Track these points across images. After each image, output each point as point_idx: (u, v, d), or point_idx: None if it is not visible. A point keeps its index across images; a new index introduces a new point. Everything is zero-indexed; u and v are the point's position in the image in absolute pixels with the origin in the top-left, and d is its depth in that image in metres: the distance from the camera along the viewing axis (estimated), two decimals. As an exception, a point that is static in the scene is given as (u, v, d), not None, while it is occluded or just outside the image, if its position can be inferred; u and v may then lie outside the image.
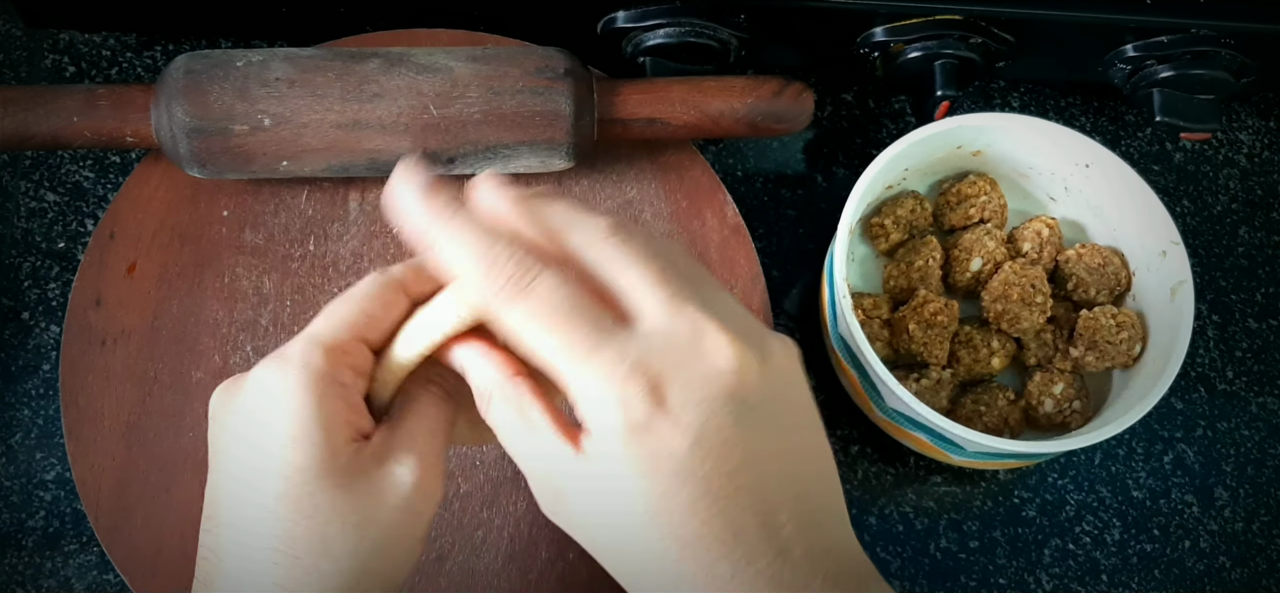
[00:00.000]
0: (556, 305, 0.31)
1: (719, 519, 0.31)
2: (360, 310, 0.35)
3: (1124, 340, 0.52)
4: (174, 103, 0.49)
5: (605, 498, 0.32)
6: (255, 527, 0.34)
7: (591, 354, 0.31)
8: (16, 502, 0.52)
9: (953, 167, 0.57)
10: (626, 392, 0.31)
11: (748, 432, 0.31)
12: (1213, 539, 0.56)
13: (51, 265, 0.56)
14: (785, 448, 0.33)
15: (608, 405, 0.31)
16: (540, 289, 0.31)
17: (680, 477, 0.31)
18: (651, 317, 0.32)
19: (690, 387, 0.31)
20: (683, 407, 0.31)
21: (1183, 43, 0.54)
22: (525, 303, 0.31)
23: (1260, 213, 0.63)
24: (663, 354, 0.31)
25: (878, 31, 0.55)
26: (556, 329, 0.31)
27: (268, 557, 0.33)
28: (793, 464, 0.33)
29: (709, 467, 0.31)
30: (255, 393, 0.34)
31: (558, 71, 0.51)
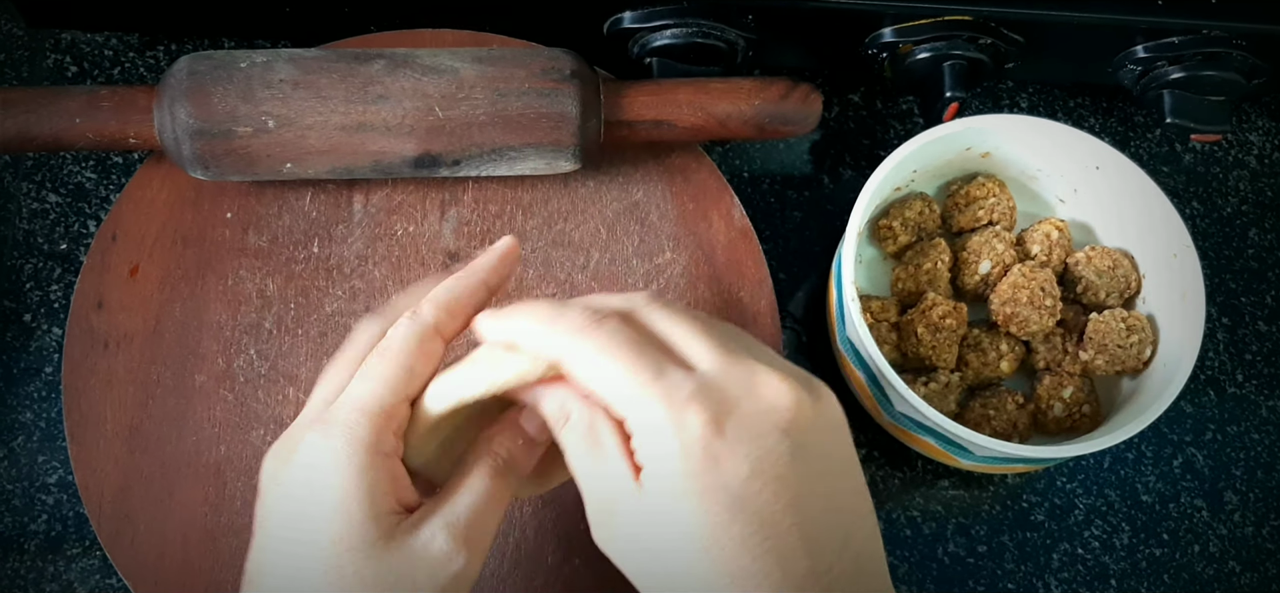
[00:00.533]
0: (622, 341, 0.33)
1: (770, 556, 0.31)
2: (402, 367, 0.35)
3: (1134, 344, 0.52)
4: (177, 104, 0.49)
5: (657, 529, 0.32)
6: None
7: (654, 382, 0.32)
8: (19, 505, 0.52)
9: (961, 168, 0.57)
10: (686, 419, 0.32)
11: (801, 469, 0.32)
12: (1222, 544, 0.56)
13: (54, 267, 0.56)
14: (833, 489, 0.34)
15: (666, 433, 0.32)
16: (608, 327, 0.34)
17: (734, 509, 0.31)
18: (707, 361, 0.34)
19: (747, 420, 0.32)
20: (739, 439, 0.32)
21: (1194, 44, 0.53)
22: (594, 337, 0.33)
23: (1271, 215, 0.62)
24: (722, 390, 0.33)
25: (886, 32, 0.54)
26: (622, 360, 0.33)
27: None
28: (839, 506, 0.34)
29: (763, 501, 0.31)
30: (303, 465, 0.35)
31: (564, 73, 0.50)
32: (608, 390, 0.33)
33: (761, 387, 0.33)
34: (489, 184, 0.55)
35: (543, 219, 0.55)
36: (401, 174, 0.52)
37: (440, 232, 0.54)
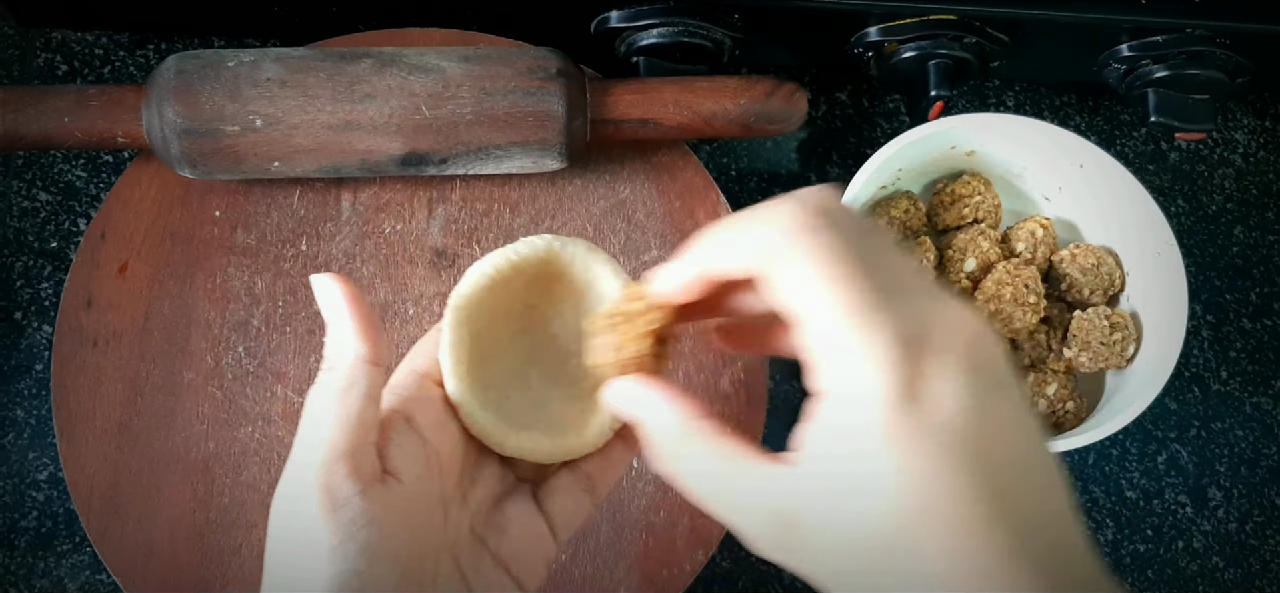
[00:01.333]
0: (843, 251, 0.28)
1: (989, 502, 0.27)
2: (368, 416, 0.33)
3: (1118, 341, 0.52)
4: (165, 103, 0.49)
5: (849, 494, 0.27)
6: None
7: (880, 307, 0.27)
8: (9, 502, 0.52)
9: (947, 167, 0.57)
10: (907, 352, 0.27)
11: (1008, 407, 0.28)
12: (1206, 539, 0.56)
13: (44, 265, 0.56)
14: (1031, 429, 0.29)
15: (883, 366, 0.27)
16: (828, 234, 0.28)
17: (946, 448, 0.27)
18: (920, 293, 0.29)
19: (954, 354, 0.28)
20: (948, 373, 0.27)
21: (1178, 43, 0.54)
22: (812, 240, 0.28)
23: (1255, 212, 0.62)
24: (942, 324, 0.28)
25: (872, 31, 0.54)
26: (844, 275, 0.28)
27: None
28: (1039, 445, 0.29)
29: (977, 443, 0.27)
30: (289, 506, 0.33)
31: (550, 72, 0.51)
32: (814, 311, 0.28)
33: (960, 314, 0.29)
34: (476, 182, 0.55)
35: (530, 217, 0.55)
36: (389, 172, 0.52)
37: (428, 229, 0.54)
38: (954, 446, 0.27)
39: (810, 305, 0.28)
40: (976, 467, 0.27)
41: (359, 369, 0.33)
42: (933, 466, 0.27)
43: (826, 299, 0.28)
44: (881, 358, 0.27)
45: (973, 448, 0.27)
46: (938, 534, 0.27)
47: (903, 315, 0.28)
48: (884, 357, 0.27)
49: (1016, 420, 0.28)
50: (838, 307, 0.28)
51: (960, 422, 0.27)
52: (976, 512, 0.27)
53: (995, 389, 0.28)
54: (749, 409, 0.52)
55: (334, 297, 0.34)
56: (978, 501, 0.27)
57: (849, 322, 0.27)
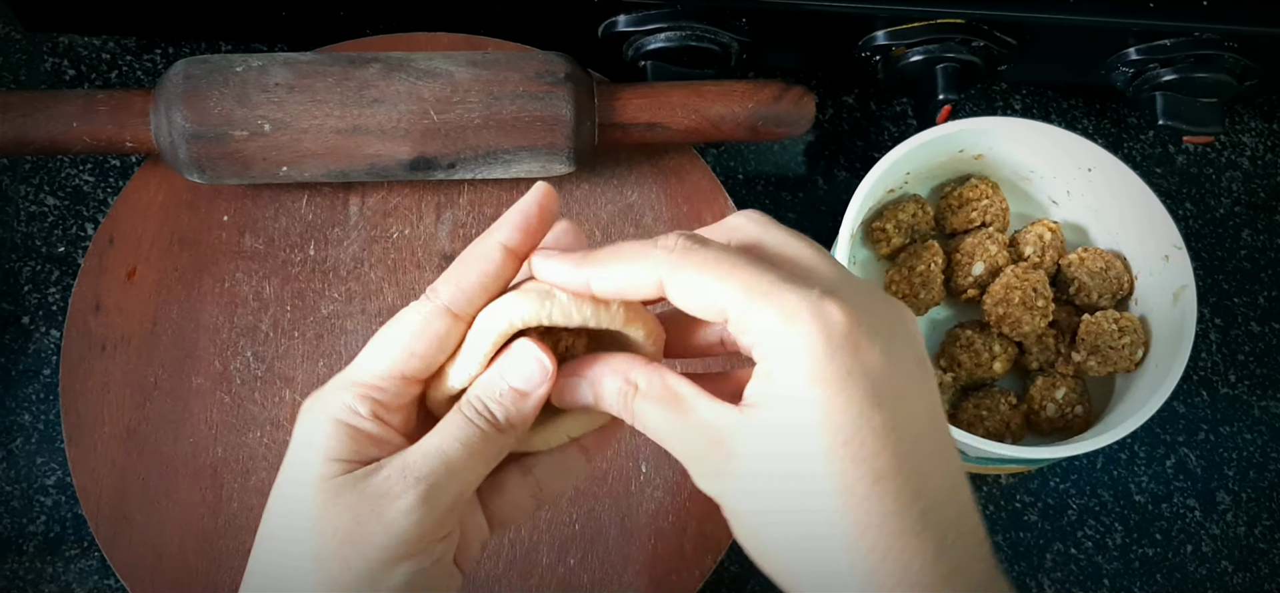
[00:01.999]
0: (733, 256, 0.31)
1: (908, 459, 0.30)
2: (401, 347, 0.34)
3: (1126, 345, 0.52)
4: (173, 108, 0.49)
5: (783, 441, 0.30)
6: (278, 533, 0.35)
7: (780, 285, 0.30)
8: (17, 507, 0.52)
9: (954, 170, 0.57)
10: (824, 308, 0.30)
11: (924, 378, 0.32)
12: (1215, 544, 0.56)
13: (52, 270, 0.56)
14: (939, 402, 0.33)
15: (803, 321, 0.30)
16: (714, 247, 0.31)
17: (875, 398, 0.29)
18: (825, 270, 0.32)
19: (879, 321, 0.31)
20: (875, 334, 0.30)
21: (1186, 46, 0.54)
22: (700, 255, 0.31)
23: (1263, 216, 0.62)
24: (850, 292, 0.31)
25: (879, 35, 0.54)
26: (737, 272, 0.31)
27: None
28: (943, 418, 0.33)
29: (898, 398, 0.30)
30: (298, 426, 0.35)
31: (558, 76, 0.51)
32: (726, 303, 0.31)
33: (882, 295, 0.32)
34: (484, 187, 0.55)
35: (538, 221, 0.55)
36: (397, 177, 0.52)
37: (436, 234, 0.54)
38: (873, 397, 0.29)
39: (719, 296, 0.31)
40: (892, 419, 0.30)
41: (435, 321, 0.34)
42: (855, 409, 0.29)
43: (729, 288, 0.31)
44: (790, 316, 0.30)
45: (890, 401, 0.30)
46: (853, 475, 0.29)
47: (798, 281, 0.31)
48: (791, 316, 0.30)
49: (928, 390, 0.32)
50: (738, 291, 0.30)
51: (880, 379, 0.30)
52: (889, 465, 0.29)
53: (912, 355, 0.31)
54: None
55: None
56: (892, 454, 0.29)
57: (753, 299, 0.30)
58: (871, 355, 0.30)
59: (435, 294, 0.34)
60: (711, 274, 0.31)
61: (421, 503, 0.33)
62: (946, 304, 0.57)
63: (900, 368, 0.31)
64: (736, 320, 0.31)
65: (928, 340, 0.57)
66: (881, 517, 0.29)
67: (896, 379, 0.30)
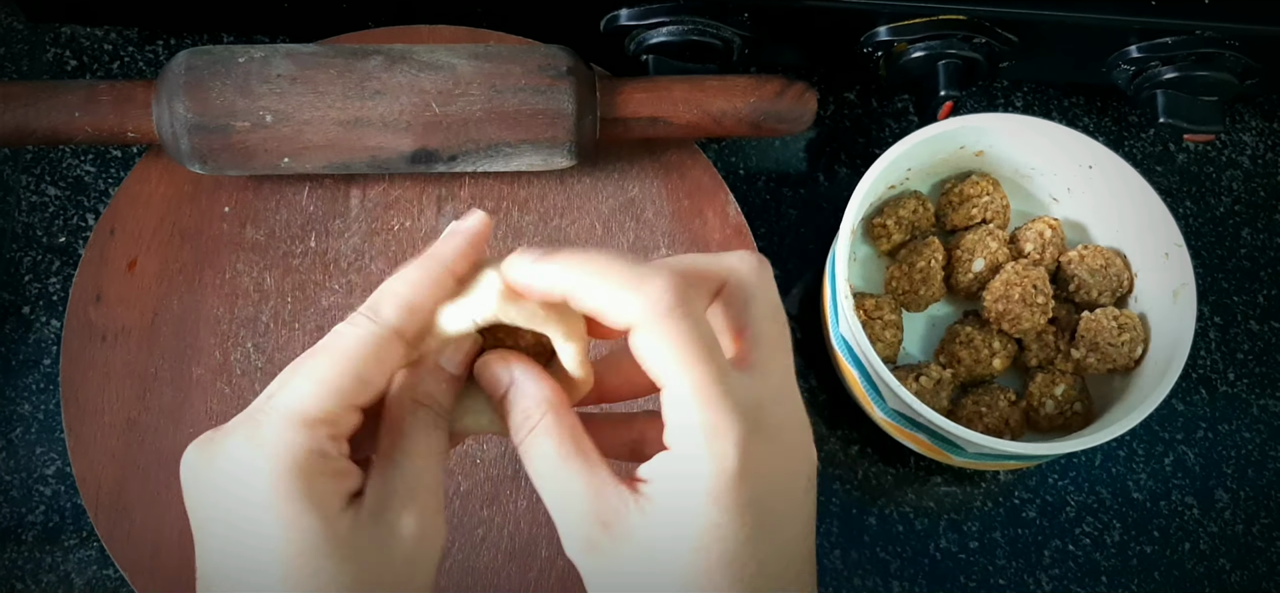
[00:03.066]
0: (702, 335, 0.31)
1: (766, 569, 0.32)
2: (351, 375, 0.31)
3: (1126, 342, 0.52)
4: (175, 99, 0.49)
5: (667, 542, 0.31)
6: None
7: (725, 392, 0.31)
8: (17, 496, 0.52)
9: (955, 167, 0.57)
10: (749, 438, 0.31)
11: (809, 528, 0.34)
12: (1213, 541, 0.56)
13: (52, 260, 0.56)
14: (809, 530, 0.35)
15: (726, 443, 0.31)
16: (690, 319, 0.31)
17: (757, 535, 0.31)
18: (774, 376, 0.33)
19: (790, 464, 0.33)
20: (777, 459, 0.32)
21: (1187, 44, 0.54)
22: (674, 326, 0.31)
23: (1263, 215, 0.62)
24: (778, 418, 0.32)
25: (881, 31, 0.54)
26: (698, 365, 0.31)
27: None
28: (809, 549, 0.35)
29: (782, 541, 0.32)
30: (235, 476, 0.31)
31: (560, 70, 0.51)
32: (674, 383, 0.31)
33: (803, 434, 0.34)
34: (485, 180, 0.55)
35: (539, 215, 0.55)
36: (398, 169, 0.52)
37: (437, 227, 0.54)
38: (760, 520, 0.31)
39: (669, 375, 0.31)
40: (777, 553, 0.32)
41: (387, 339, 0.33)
42: (739, 530, 0.31)
43: (682, 375, 0.31)
44: (717, 434, 0.31)
45: (774, 536, 0.32)
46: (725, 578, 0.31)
47: (738, 399, 0.31)
48: (719, 435, 0.31)
49: (805, 514, 0.34)
50: (687, 384, 0.31)
51: (768, 505, 0.32)
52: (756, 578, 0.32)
53: (808, 513, 0.34)
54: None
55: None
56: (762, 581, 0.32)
57: (696, 399, 0.31)
58: (763, 488, 0.31)
59: (379, 315, 0.32)
60: (676, 350, 0.31)
61: (439, 522, 0.33)
62: (947, 300, 0.57)
63: (794, 515, 0.33)
64: (671, 403, 0.31)
65: (928, 337, 0.57)
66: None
67: (790, 531, 0.33)
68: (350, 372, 0.31)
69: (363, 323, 0.32)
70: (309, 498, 0.31)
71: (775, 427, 0.32)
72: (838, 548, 0.55)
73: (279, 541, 0.31)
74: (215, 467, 0.32)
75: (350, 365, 0.31)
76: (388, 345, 0.32)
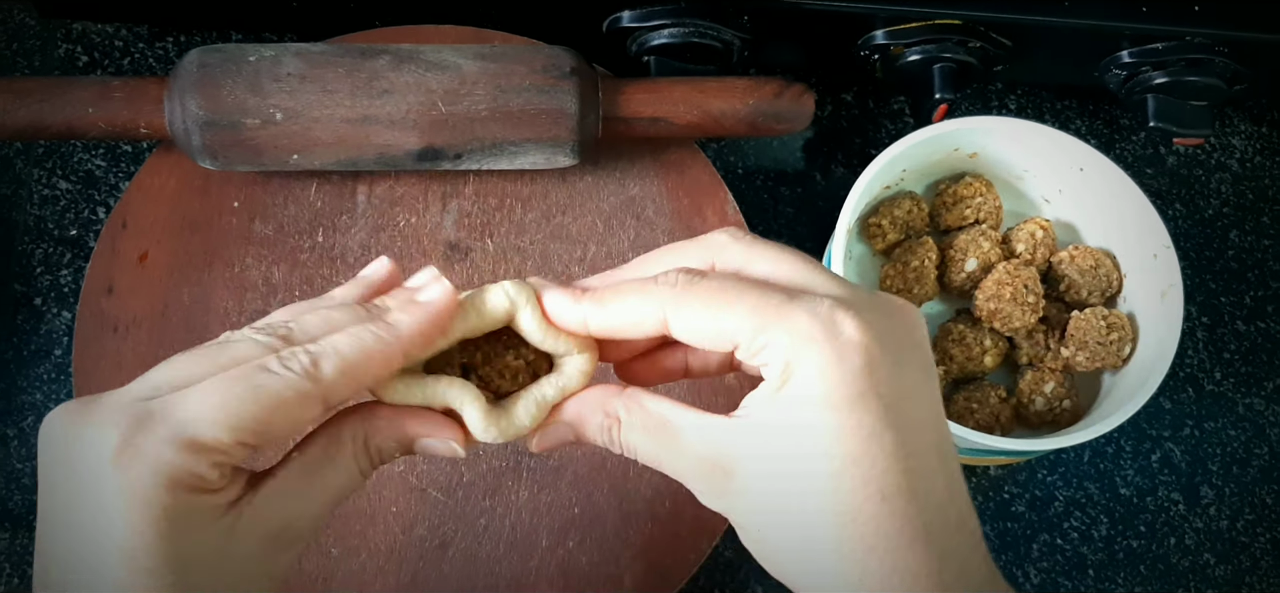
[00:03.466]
0: (736, 283, 0.31)
1: (916, 476, 0.30)
2: (257, 419, 0.29)
3: (1114, 341, 0.53)
4: (187, 96, 0.50)
5: (792, 451, 0.30)
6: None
7: (789, 304, 0.30)
8: (28, 484, 0.53)
9: (950, 168, 0.58)
10: (837, 326, 0.29)
11: (932, 386, 0.32)
12: (1198, 536, 0.57)
13: (63, 252, 0.57)
14: (943, 409, 0.33)
15: (816, 342, 0.29)
16: (714, 277, 0.31)
17: (887, 418, 0.29)
18: (825, 285, 0.32)
19: (888, 334, 0.30)
20: (886, 350, 0.30)
21: (1177, 50, 0.55)
22: (703, 286, 0.31)
23: (1251, 217, 0.64)
24: (861, 305, 0.31)
25: (878, 34, 0.55)
26: (743, 297, 0.30)
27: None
28: (946, 423, 0.33)
29: (908, 415, 0.30)
30: (95, 470, 0.28)
31: (564, 70, 0.52)
32: (733, 329, 0.30)
33: (887, 302, 0.32)
34: (489, 177, 0.56)
35: (541, 212, 0.56)
36: (404, 166, 0.53)
37: (442, 223, 0.55)
38: (886, 417, 0.29)
39: (723, 326, 0.30)
40: (900, 437, 0.30)
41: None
42: (865, 430, 0.29)
43: (733, 316, 0.30)
44: (821, 335, 0.29)
45: (899, 418, 0.30)
46: (862, 495, 0.29)
47: (817, 299, 0.30)
48: (824, 335, 0.29)
49: (933, 399, 0.32)
50: (743, 314, 0.30)
51: (892, 397, 0.30)
52: (897, 483, 0.29)
53: (920, 364, 0.31)
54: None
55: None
56: (900, 471, 0.29)
57: (757, 319, 0.30)
58: (883, 372, 0.30)
59: (317, 372, 0.29)
60: (718, 304, 0.31)
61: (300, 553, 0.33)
62: (940, 299, 0.58)
63: (909, 382, 0.30)
64: (747, 346, 0.30)
65: (921, 334, 0.58)
66: (888, 534, 0.30)
67: (906, 394, 0.30)
68: (261, 417, 0.29)
69: (295, 372, 0.29)
70: (171, 519, 0.28)
71: (858, 307, 0.30)
72: (831, 540, 0.56)
73: (122, 548, 0.28)
74: (79, 450, 0.29)
75: (264, 411, 0.29)
76: (310, 405, 0.29)
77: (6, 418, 0.54)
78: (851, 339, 0.29)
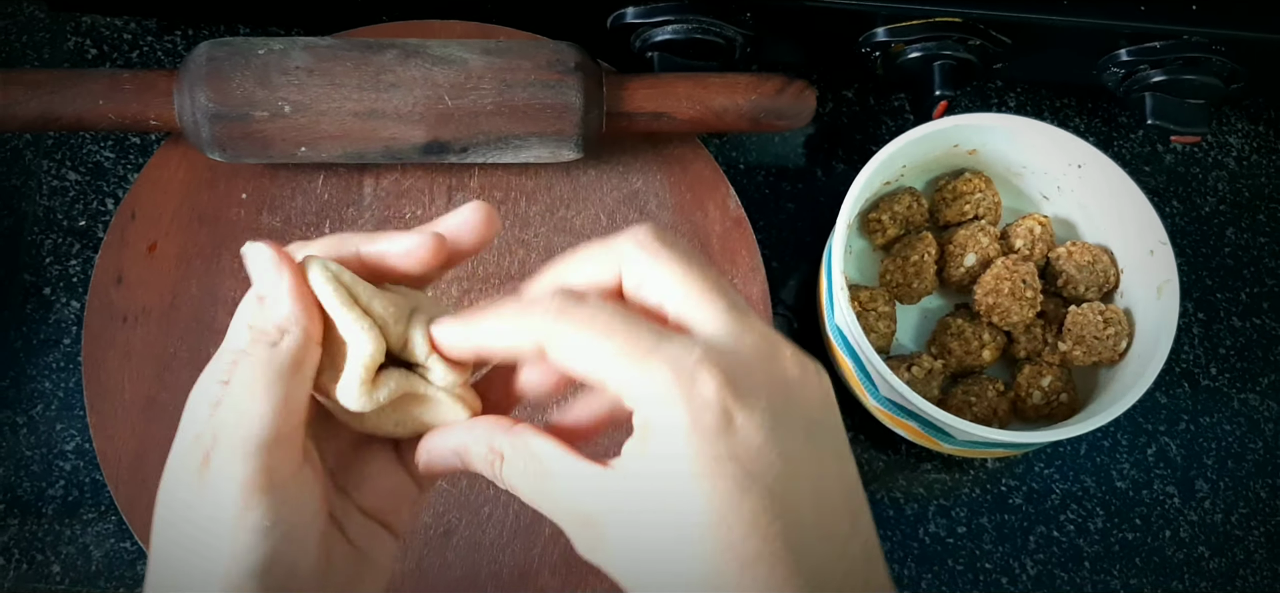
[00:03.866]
0: (608, 316, 0.29)
1: (782, 540, 0.28)
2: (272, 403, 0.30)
3: (1111, 336, 0.54)
4: (197, 88, 0.50)
5: (654, 512, 0.29)
6: None
7: (654, 351, 0.28)
8: (37, 471, 0.54)
9: (949, 164, 0.59)
10: (696, 384, 0.28)
11: (816, 449, 0.29)
12: (1192, 529, 0.58)
13: (72, 243, 0.58)
14: (843, 472, 0.30)
15: (673, 401, 0.28)
16: (589, 305, 0.30)
17: (745, 484, 0.28)
18: (713, 324, 0.30)
19: (761, 391, 0.29)
20: (754, 407, 0.28)
21: (1175, 48, 0.55)
22: (575, 315, 0.29)
23: (1247, 215, 0.64)
24: (734, 354, 0.29)
25: (879, 32, 0.56)
26: (612, 334, 0.29)
27: None
28: (848, 489, 0.31)
29: (776, 477, 0.28)
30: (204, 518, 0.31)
31: (568, 66, 0.52)
32: (599, 367, 0.29)
33: (777, 355, 0.30)
34: (494, 171, 0.57)
35: (545, 205, 0.57)
36: (410, 160, 0.54)
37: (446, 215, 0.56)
38: (744, 483, 0.28)
39: (590, 365, 0.29)
40: (765, 503, 0.28)
41: (308, 352, 0.31)
42: (720, 497, 0.28)
43: (599, 358, 0.29)
44: (679, 395, 0.28)
45: (763, 483, 0.28)
46: (724, 562, 0.28)
47: (686, 347, 0.28)
48: (681, 396, 0.28)
49: (819, 461, 0.29)
50: (607, 359, 0.29)
51: (755, 463, 0.28)
52: (761, 549, 0.28)
53: (801, 423, 0.29)
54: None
55: (270, 269, 0.32)
56: (762, 539, 0.28)
57: (620, 367, 0.29)
58: (747, 433, 0.28)
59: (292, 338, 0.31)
60: (586, 339, 0.29)
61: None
62: (939, 294, 0.59)
63: (782, 442, 0.28)
64: (613, 389, 0.29)
65: (920, 328, 0.58)
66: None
67: (776, 458, 0.28)
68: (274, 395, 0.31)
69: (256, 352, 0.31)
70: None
71: (730, 356, 0.29)
72: (831, 531, 0.56)
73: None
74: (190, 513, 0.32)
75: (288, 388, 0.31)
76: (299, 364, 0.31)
77: (16, 406, 0.55)
78: (708, 400, 0.28)
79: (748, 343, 0.29)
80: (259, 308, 0.32)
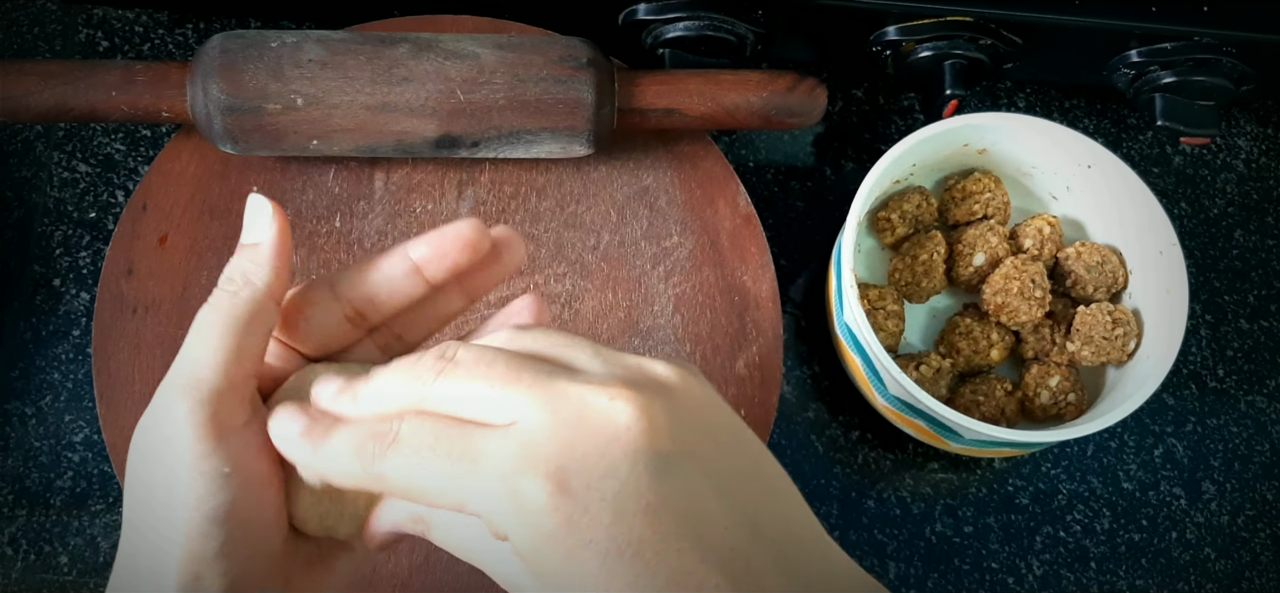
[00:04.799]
0: (423, 442, 0.29)
1: (671, 589, 0.27)
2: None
3: (1119, 336, 0.54)
4: (210, 81, 0.51)
5: (553, 582, 0.28)
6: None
7: (474, 471, 0.28)
8: (46, 462, 0.54)
9: (958, 164, 0.59)
10: (521, 497, 0.28)
11: (673, 483, 0.28)
12: (1199, 531, 0.58)
13: (82, 234, 0.58)
14: (724, 482, 0.29)
15: (508, 516, 0.28)
16: (404, 434, 0.30)
17: (611, 560, 0.27)
18: (523, 412, 0.29)
19: (590, 461, 0.28)
20: (588, 486, 0.28)
21: (1185, 50, 0.55)
22: (394, 455, 0.29)
23: (1256, 217, 0.64)
24: (549, 441, 0.28)
25: (890, 30, 0.56)
26: (431, 465, 0.29)
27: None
28: (738, 495, 0.29)
29: (639, 537, 0.27)
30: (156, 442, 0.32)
31: (581, 61, 0.52)
32: (437, 501, 0.29)
33: (593, 417, 0.28)
34: (505, 166, 0.57)
35: (556, 201, 0.57)
36: (422, 154, 0.54)
37: (457, 210, 0.56)
38: (607, 563, 0.28)
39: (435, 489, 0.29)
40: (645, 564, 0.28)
41: (266, 304, 0.33)
42: (602, 576, 0.28)
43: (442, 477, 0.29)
44: (508, 505, 0.28)
45: (633, 548, 0.28)
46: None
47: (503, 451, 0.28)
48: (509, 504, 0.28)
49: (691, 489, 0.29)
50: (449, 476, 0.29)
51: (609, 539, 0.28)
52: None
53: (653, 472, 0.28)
54: (763, 389, 0.54)
55: (265, 220, 0.34)
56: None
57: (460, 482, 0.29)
58: (591, 522, 0.27)
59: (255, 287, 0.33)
60: (412, 473, 0.30)
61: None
62: (947, 293, 0.59)
63: (633, 508, 0.28)
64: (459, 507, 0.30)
65: (929, 327, 0.58)
66: None
67: (632, 527, 0.28)
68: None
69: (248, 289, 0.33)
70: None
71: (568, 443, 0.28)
72: (837, 530, 0.57)
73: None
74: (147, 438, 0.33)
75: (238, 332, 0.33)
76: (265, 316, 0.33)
77: (25, 397, 0.55)
78: (538, 506, 0.28)
79: (561, 415, 0.29)
80: (237, 255, 0.34)
